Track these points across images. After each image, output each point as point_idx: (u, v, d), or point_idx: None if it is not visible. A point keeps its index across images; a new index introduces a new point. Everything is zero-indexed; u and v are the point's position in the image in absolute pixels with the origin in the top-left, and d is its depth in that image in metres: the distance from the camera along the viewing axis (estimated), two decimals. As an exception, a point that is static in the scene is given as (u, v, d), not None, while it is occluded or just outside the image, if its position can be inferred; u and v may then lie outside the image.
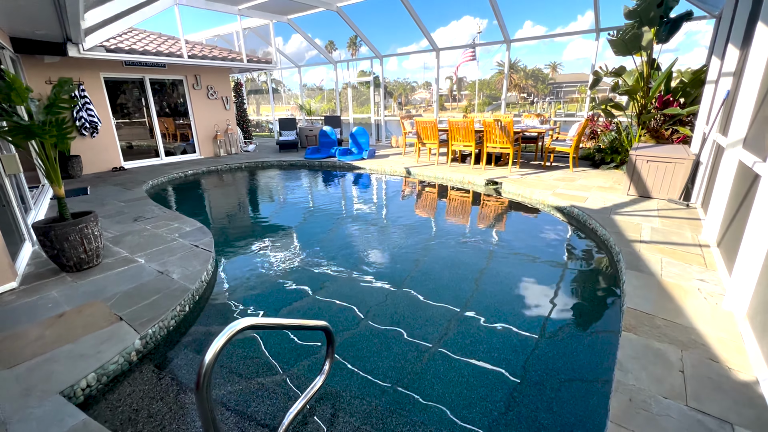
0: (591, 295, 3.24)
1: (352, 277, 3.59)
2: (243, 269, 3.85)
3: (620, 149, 7.20)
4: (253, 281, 3.57)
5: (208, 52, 9.87)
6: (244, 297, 3.27)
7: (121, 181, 7.50)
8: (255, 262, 4.02)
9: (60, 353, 2.23)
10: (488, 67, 61.46)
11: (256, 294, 3.32)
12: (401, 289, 3.32)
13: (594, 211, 4.63)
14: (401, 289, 3.30)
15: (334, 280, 3.51)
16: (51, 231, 3.09)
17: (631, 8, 6.26)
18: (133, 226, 4.58)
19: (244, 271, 3.81)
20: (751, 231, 2.37)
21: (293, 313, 2.98)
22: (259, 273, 3.74)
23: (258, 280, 3.59)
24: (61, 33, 6.25)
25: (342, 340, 2.62)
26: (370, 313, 2.96)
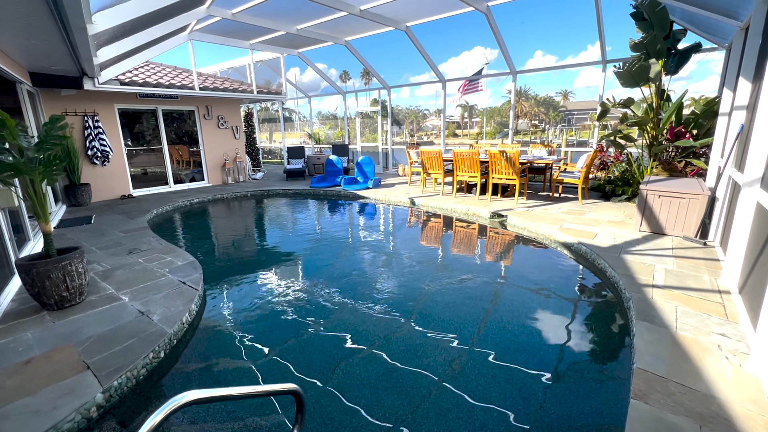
0: (597, 348, 2.95)
1: (350, 309, 3.40)
2: (231, 307, 3.70)
3: (632, 181, 6.96)
4: (241, 320, 3.41)
5: (220, 84, 10.17)
6: (228, 338, 3.10)
7: (127, 209, 7.57)
8: (244, 298, 3.86)
9: (14, 408, 2.08)
10: (499, 95, 62.26)
11: (242, 334, 3.15)
12: (403, 323, 3.11)
13: (603, 249, 4.38)
14: (404, 324, 3.09)
15: (332, 314, 3.32)
16: (33, 269, 3.02)
17: (637, 41, 6.19)
18: (126, 259, 4.51)
19: (232, 308, 3.65)
20: (774, 285, 2.12)
21: (283, 352, 2.79)
22: (248, 310, 3.58)
23: (246, 318, 3.43)
24: (77, 68, 6.50)
25: (340, 372, 2.45)
26: (370, 347, 2.76)
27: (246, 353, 2.91)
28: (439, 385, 2.47)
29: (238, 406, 2.33)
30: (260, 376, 2.62)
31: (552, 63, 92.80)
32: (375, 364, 2.72)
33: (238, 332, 3.21)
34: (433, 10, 8.03)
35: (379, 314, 3.44)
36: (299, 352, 2.90)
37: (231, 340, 3.10)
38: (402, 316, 3.39)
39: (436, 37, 70.86)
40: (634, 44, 6.28)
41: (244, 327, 3.30)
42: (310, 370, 2.66)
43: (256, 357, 2.85)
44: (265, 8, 7.66)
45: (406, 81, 69.51)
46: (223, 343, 3.06)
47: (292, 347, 2.97)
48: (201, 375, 2.67)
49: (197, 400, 1.35)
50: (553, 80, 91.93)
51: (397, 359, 2.76)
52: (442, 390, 2.42)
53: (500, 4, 7.62)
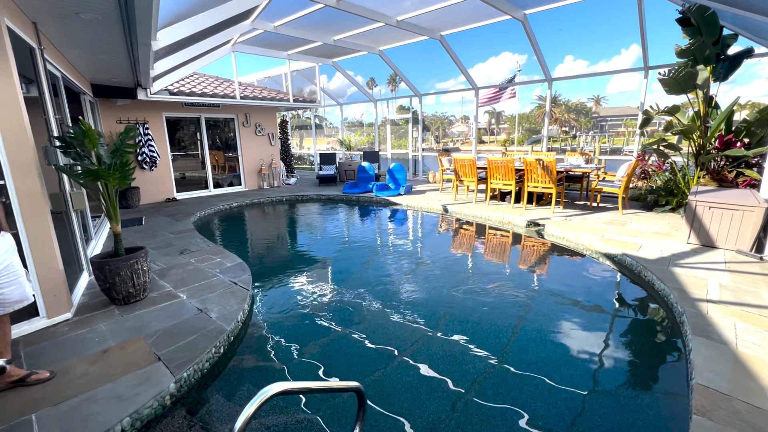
0: (648, 363, 2.88)
1: (387, 316, 3.48)
2: (277, 307, 3.86)
3: (676, 191, 6.71)
4: (287, 319, 3.56)
5: (258, 93, 10.60)
6: (278, 337, 3.26)
7: (172, 212, 8.00)
8: (289, 299, 4.02)
9: (100, 393, 2.28)
10: (527, 101, 61.16)
11: (290, 333, 3.30)
12: (441, 331, 3.17)
13: (650, 261, 4.26)
14: (435, 332, 3.15)
15: (369, 319, 3.43)
16: (105, 266, 3.29)
17: (684, 47, 6.02)
18: (179, 259, 4.79)
19: (279, 309, 3.82)
20: None
21: (325, 353, 2.91)
22: (293, 311, 3.73)
23: (292, 318, 3.58)
24: (133, 80, 6.99)
25: (374, 380, 2.55)
26: (403, 354, 2.84)
27: (289, 352, 3.04)
28: (473, 397, 2.50)
29: (297, 401, 2.45)
30: (304, 376, 2.72)
31: (583, 68, 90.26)
32: (411, 370, 2.77)
33: (282, 332, 3.35)
34: (470, 19, 8.09)
35: (416, 322, 3.50)
36: (339, 354, 3.01)
37: (276, 339, 3.25)
38: (436, 323, 3.44)
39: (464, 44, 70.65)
40: (681, 50, 6.10)
41: (287, 327, 3.44)
42: (349, 373, 2.75)
43: (298, 357, 2.97)
44: (305, 20, 7.96)
45: (432, 87, 69.44)
46: (270, 341, 3.21)
47: (331, 349, 3.08)
48: (253, 372, 2.82)
49: (283, 392, 1.47)
50: (585, 86, 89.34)
51: (434, 367, 2.80)
52: (477, 403, 2.45)
53: (537, 12, 7.59)
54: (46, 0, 3.17)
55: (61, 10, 3.38)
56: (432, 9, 7.40)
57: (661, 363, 2.86)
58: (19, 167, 2.88)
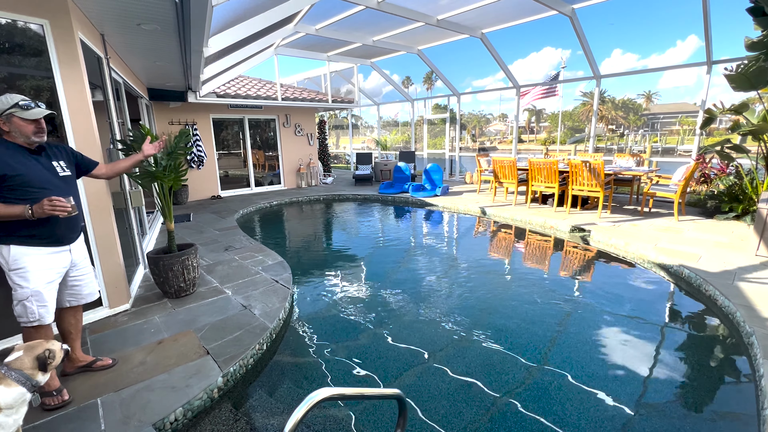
0: (710, 386, 2.64)
1: (422, 319, 3.47)
2: (315, 306, 3.95)
3: (742, 197, 6.14)
4: (325, 318, 3.64)
5: (299, 95, 10.88)
6: (316, 335, 3.33)
7: (217, 209, 8.40)
8: (326, 298, 4.10)
9: (156, 382, 2.43)
10: (570, 97, 58.42)
11: (327, 332, 3.37)
12: (472, 336, 3.10)
13: (711, 274, 3.93)
14: (472, 337, 3.09)
15: (404, 320, 3.42)
16: (160, 261, 3.51)
17: (755, 39, 5.48)
18: (224, 255, 5.02)
19: (317, 307, 3.90)
20: None
21: (362, 353, 2.94)
22: (330, 310, 3.80)
23: (329, 317, 3.66)
24: (185, 84, 7.41)
25: (410, 383, 2.57)
26: (438, 358, 2.82)
27: (328, 352, 3.09)
28: (519, 405, 2.41)
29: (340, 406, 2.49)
30: (341, 377, 2.76)
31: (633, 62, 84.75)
32: (447, 375, 2.73)
33: (320, 331, 3.43)
34: (513, 15, 7.84)
35: (451, 326, 3.44)
36: (375, 355, 3.02)
37: (314, 337, 3.32)
38: (476, 329, 3.36)
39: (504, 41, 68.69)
40: (752, 43, 5.56)
41: (324, 326, 3.52)
42: (385, 375, 2.75)
43: (336, 356, 3.01)
44: (345, 22, 8.06)
45: (468, 85, 68.00)
46: (310, 340, 3.28)
47: (369, 351, 3.09)
48: (293, 369, 2.89)
49: (329, 398, 1.49)
50: (634, 81, 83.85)
51: (472, 374, 2.75)
52: (521, 410, 2.36)
53: (586, 6, 7.21)
54: (113, 13, 3.42)
55: (125, 22, 3.64)
56: (473, 7, 7.24)
57: (725, 387, 2.62)
58: (88, 168, 3.12)
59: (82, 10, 3.27)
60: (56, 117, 2.93)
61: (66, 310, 2.41)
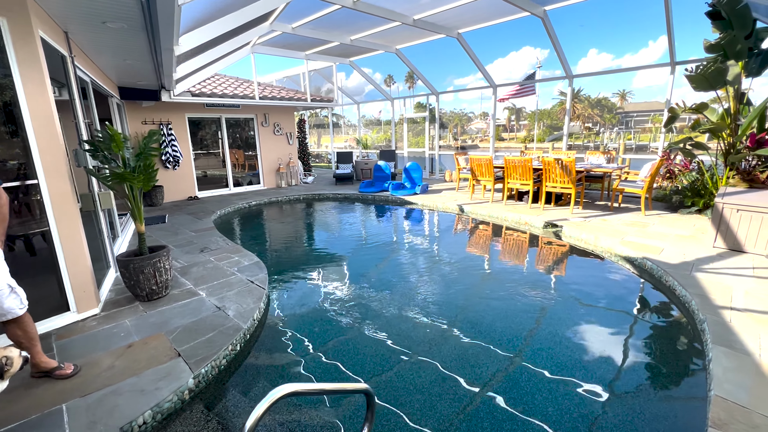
0: (666, 371, 2.80)
1: (400, 316, 3.52)
2: (292, 305, 3.96)
3: (703, 192, 6.45)
4: (302, 318, 3.65)
5: (277, 93, 10.78)
6: (293, 334, 3.34)
7: (193, 210, 8.25)
8: (304, 298, 4.11)
9: (124, 386, 2.41)
10: (549, 96, 59.75)
11: (304, 331, 3.38)
12: (454, 332, 3.19)
13: (672, 266, 4.13)
14: (455, 332, 3.17)
15: (382, 318, 3.47)
16: (130, 264, 3.45)
17: (713, 42, 5.77)
18: (199, 257, 4.96)
19: (294, 307, 3.91)
20: None
21: (339, 351, 2.97)
22: (308, 309, 3.82)
23: (306, 316, 3.67)
24: (157, 82, 7.24)
25: (386, 380, 2.60)
26: (416, 354, 2.87)
27: (304, 350, 3.12)
28: (491, 398, 2.50)
29: (307, 401, 2.52)
30: (318, 374, 2.80)
31: (608, 61, 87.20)
32: (424, 370, 2.81)
33: (298, 330, 3.44)
34: (488, 16, 7.98)
35: (430, 321, 3.52)
36: (353, 354, 3.06)
37: (292, 337, 3.34)
38: (452, 324, 3.45)
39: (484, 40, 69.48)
40: (710, 45, 5.85)
41: (302, 325, 3.53)
42: (362, 372, 2.80)
43: (313, 355, 3.04)
44: (322, 21, 8.03)
45: (450, 84, 68.57)
46: (286, 339, 3.30)
47: (346, 348, 3.14)
48: (268, 369, 2.91)
49: (292, 393, 1.52)
50: (609, 80, 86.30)
51: (448, 367, 2.83)
52: (494, 402, 2.46)
53: (557, 8, 7.41)
54: (76, 11, 3.33)
55: (90, 20, 3.55)
56: (449, 7, 7.33)
57: (680, 372, 2.78)
58: (51, 170, 3.05)
59: (43, 8, 3.18)
60: (18, 117, 2.84)
61: (6, 323, 2.30)
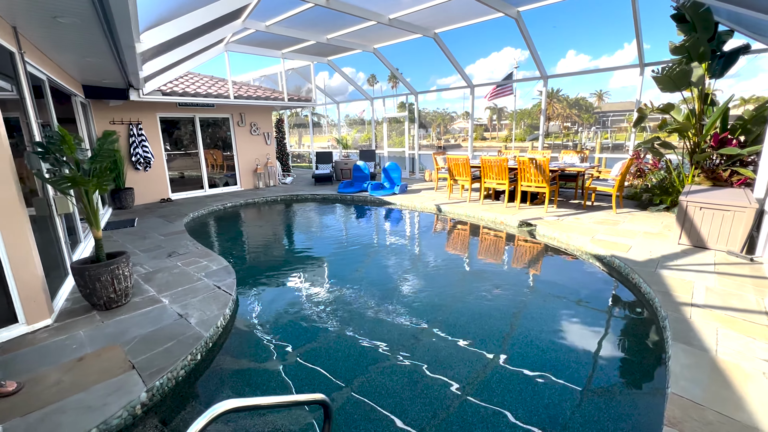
0: (629, 369, 2.85)
1: (375, 315, 3.47)
2: (262, 310, 3.85)
3: (671, 189, 6.63)
4: (272, 323, 3.55)
5: (253, 93, 10.56)
6: (261, 341, 3.25)
7: (166, 212, 8.00)
8: (275, 302, 4.01)
9: (70, 403, 2.27)
10: (529, 96, 60.77)
11: (271, 338, 3.29)
12: (428, 332, 3.15)
13: (638, 263, 4.21)
14: (429, 332, 3.13)
15: (354, 321, 3.41)
16: (86, 272, 3.28)
17: (678, 44, 5.93)
18: (166, 262, 4.79)
19: (264, 312, 3.81)
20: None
21: (309, 357, 2.89)
22: (278, 314, 3.72)
23: (276, 321, 3.58)
24: (124, 81, 6.97)
25: (366, 381, 2.58)
26: (390, 355, 2.84)
27: (274, 356, 3.04)
28: (463, 397, 2.48)
29: (270, 411, 2.44)
30: (288, 380, 2.73)
31: (586, 62, 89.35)
32: (399, 371, 2.77)
33: (267, 336, 3.35)
34: (463, 16, 8.01)
35: (404, 322, 3.48)
36: (325, 358, 3.00)
37: (261, 343, 3.25)
38: (427, 324, 3.42)
39: (464, 40, 70.16)
40: (675, 47, 6.01)
41: (273, 330, 3.44)
42: (336, 376, 2.74)
43: (283, 360, 2.96)
44: (297, 20, 7.90)
45: (433, 83, 69.00)
46: (254, 346, 3.21)
47: (318, 352, 3.07)
48: (234, 377, 2.81)
49: (235, 409, 1.44)
50: (587, 81, 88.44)
51: (422, 368, 2.81)
52: (466, 402, 2.43)
53: (531, 9, 7.49)
54: (22, 5, 3.15)
55: (39, 15, 3.36)
56: (424, 7, 7.32)
57: (643, 370, 2.82)
58: (-5, 174, 2.87)
59: (-17, 1, 2.99)
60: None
61: None
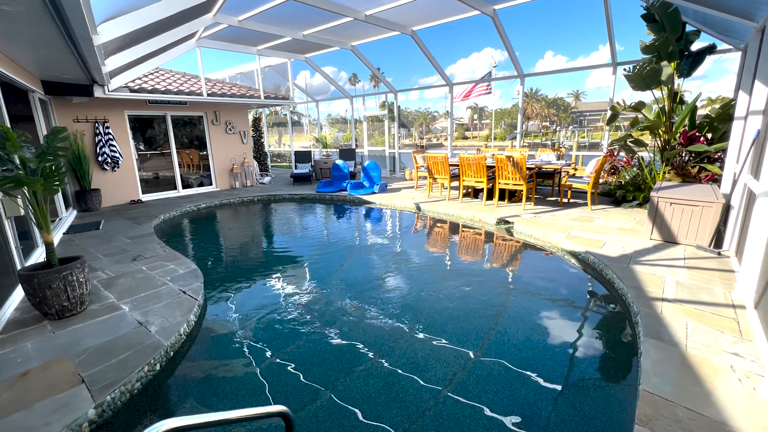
0: (604, 366, 2.83)
1: (352, 317, 3.35)
2: (232, 314, 3.68)
3: (643, 186, 6.77)
4: (241, 328, 3.39)
5: (228, 90, 10.26)
6: (227, 348, 3.10)
7: (135, 214, 7.66)
8: (247, 305, 3.85)
9: (9, 423, 2.08)
10: (509, 96, 61.76)
11: (242, 343, 3.14)
12: (406, 331, 3.06)
13: (611, 259, 4.25)
14: (406, 332, 3.04)
15: (334, 323, 3.28)
16: (34, 279, 3.05)
17: (648, 43, 6.04)
18: (130, 266, 4.55)
19: (233, 316, 3.64)
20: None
21: (278, 365, 2.76)
22: (249, 319, 3.56)
23: (246, 326, 3.41)
24: (86, 77, 6.62)
25: (346, 383, 2.49)
26: (373, 355, 2.71)
27: (244, 363, 2.90)
28: (441, 397, 2.40)
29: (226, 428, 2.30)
30: (258, 387, 2.60)
31: (563, 63, 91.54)
32: (377, 373, 2.68)
33: (237, 341, 3.20)
34: (439, 14, 7.97)
35: (381, 322, 3.39)
36: (299, 362, 2.88)
37: (230, 349, 3.09)
38: (404, 324, 3.33)
39: (444, 40, 70.67)
40: (645, 46, 6.12)
41: (243, 335, 3.29)
42: (311, 380, 2.62)
43: (254, 366, 2.82)
44: (271, 15, 7.69)
45: (415, 83, 69.21)
46: (222, 352, 3.05)
47: (291, 356, 2.94)
48: (199, 387, 2.65)
49: (178, 429, 1.31)
50: (565, 81, 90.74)
51: (400, 368, 2.74)
52: (443, 403, 2.36)
53: (507, 7, 7.52)
54: (-44, -10, 2.89)
55: (-23, 2, 3.09)
56: (401, 3, 7.24)
57: (616, 367, 2.81)
58: (-75, 174, 2.62)
59: None
60: None
61: None
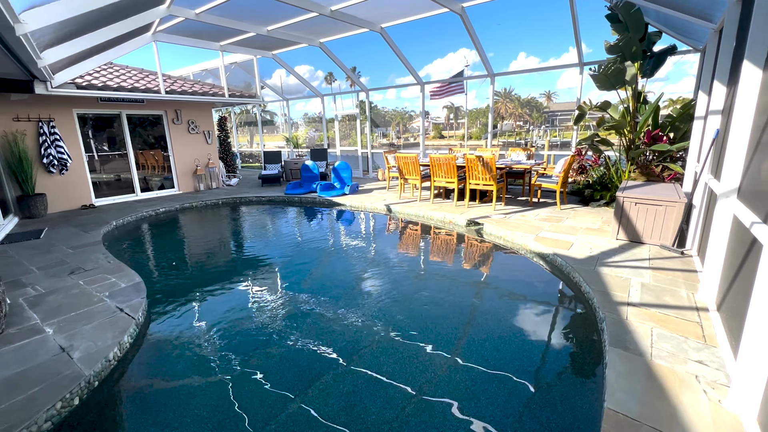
0: (569, 379, 2.66)
1: (321, 323, 3.09)
2: (175, 332, 3.34)
3: (610, 185, 6.82)
4: (186, 348, 3.07)
5: (189, 88, 9.74)
6: (170, 370, 2.79)
7: (84, 221, 7.10)
8: (196, 321, 3.52)
9: None
10: (484, 96, 62.73)
11: (187, 364, 2.84)
12: (376, 335, 2.82)
13: (578, 261, 4.17)
14: (376, 336, 2.81)
15: (299, 330, 3.01)
16: (-68, 302, 2.64)
17: (612, 43, 6.06)
18: (66, 281, 4.11)
19: (181, 333, 3.31)
20: (756, 313, 1.91)
21: (221, 391, 2.47)
22: (197, 337, 3.23)
23: (193, 345, 3.10)
24: (23, 71, 6.04)
25: (320, 386, 2.17)
26: (343, 360, 2.45)
27: (190, 387, 2.60)
28: (414, 401, 2.19)
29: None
30: (200, 415, 2.31)
31: (535, 64, 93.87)
32: (349, 378, 2.48)
33: (183, 362, 2.90)
34: (407, 11, 7.79)
35: (352, 327, 3.18)
36: (252, 384, 2.59)
37: (174, 371, 2.79)
38: (374, 328, 3.11)
39: (419, 39, 70.98)
40: (610, 46, 6.14)
41: (191, 355, 3.00)
42: (279, 388, 2.35)
43: (200, 390, 2.52)
44: (231, 8, 7.30)
45: (391, 82, 69.28)
46: (164, 375, 2.75)
47: (227, 386, 2.65)
48: (132, 418, 2.36)
49: None
50: (537, 82, 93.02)
51: (372, 371, 2.59)
52: (416, 406, 2.15)
53: (476, 5, 7.42)
54: None
55: None
56: (367, -1, 7.01)
57: (582, 380, 2.67)
58: None
59: None
60: None
61: None
